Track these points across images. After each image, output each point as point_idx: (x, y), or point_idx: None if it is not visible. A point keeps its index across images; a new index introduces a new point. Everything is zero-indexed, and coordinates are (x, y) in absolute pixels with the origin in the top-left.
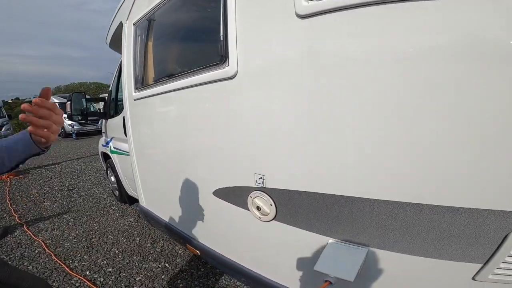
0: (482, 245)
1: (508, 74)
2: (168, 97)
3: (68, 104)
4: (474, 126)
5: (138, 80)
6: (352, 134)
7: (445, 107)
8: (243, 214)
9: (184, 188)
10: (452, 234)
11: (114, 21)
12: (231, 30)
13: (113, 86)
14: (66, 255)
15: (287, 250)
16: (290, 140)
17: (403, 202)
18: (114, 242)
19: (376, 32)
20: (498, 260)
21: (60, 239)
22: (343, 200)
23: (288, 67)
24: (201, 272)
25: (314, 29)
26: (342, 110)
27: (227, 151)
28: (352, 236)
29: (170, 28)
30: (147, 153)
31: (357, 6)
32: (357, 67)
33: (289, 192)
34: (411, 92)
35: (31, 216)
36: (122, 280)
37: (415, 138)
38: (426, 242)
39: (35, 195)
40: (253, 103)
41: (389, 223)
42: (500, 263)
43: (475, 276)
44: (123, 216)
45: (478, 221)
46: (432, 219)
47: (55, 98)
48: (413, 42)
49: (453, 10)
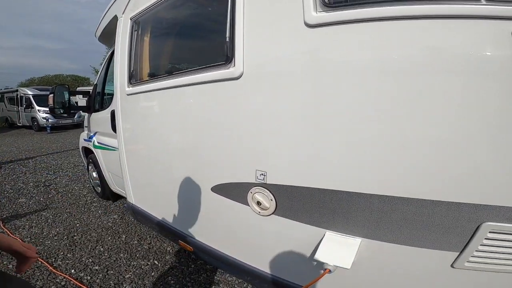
0: (458, 234)
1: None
2: (166, 93)
3: (51, 96)
4: (454, 128)
5: (133, 75)
6: (350, 135)
7: (432, 113)
8: (242, 209)
9: (180, 184)
10: (433, 225)
11: (107, 14)
12: (238, 32)
13: (100, 80)
14: (48, 253)
15: (285, 242)
16: (292, 139)
17: (392, 196)
18: (98, 239)
19: (381, 44)
20: (472, 249)
21: (40, 237)
22: (340, 194)
23: (293, 71)
24: (192, 268)
25: (321, 38)
26: (341, 112)
27: (228, 148)
28: (347, 228)
29: (172, 25)
30: (139, 149)
31: (362, 21)
32: (358, 75)
33: (289, 187)
34: (405, 99)
35: (6, 213)
36: (110, 278)
37: (405, 140)
38: (411, 233)
39: (9, 191)
40: (257, 103)
41: (380, 216)
42: (474, 251)
43: (453, 263)
44: (106, 213)
45: (455, 213)
46: (416, 211)
47: (29, 89)
48: (413, 54)
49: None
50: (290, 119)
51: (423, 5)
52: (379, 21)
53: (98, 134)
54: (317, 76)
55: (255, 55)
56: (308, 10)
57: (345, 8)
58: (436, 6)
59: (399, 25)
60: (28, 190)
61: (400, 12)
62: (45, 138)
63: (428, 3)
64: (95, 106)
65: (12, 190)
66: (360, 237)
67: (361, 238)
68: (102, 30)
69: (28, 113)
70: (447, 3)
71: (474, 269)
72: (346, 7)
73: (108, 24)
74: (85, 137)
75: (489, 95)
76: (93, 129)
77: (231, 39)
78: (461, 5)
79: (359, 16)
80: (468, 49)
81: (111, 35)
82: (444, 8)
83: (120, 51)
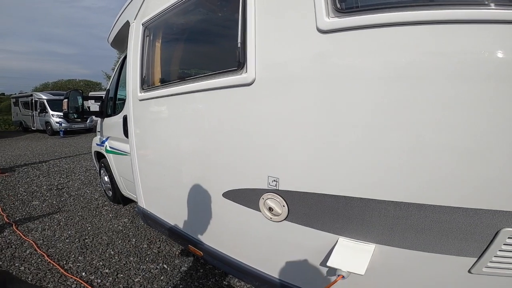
0: (476, 241)
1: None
2: (178, 99)
3: (65, 102)
4: (473, 134)
5: (145, 81)
6: (364, 141)
7: (449, 117)
8: (253, 215)
9: (191, 189)
10: (451, 231)
11: (119, 20)
12: (250, 38)
13: (112, 85)
14: (59, 256)
15: (297, 248)
16: (304, 145)
17: (409, 202)
18: (109, 243)
19: (394, 50)
20: (491, 254)
21: (52, 239)
22: (354, 201)
23: (305, 77)
24: (201, 273)
25: (333, 44)
26: (354, 119)
27: (240, 154)
28: (361, 234)
29: (183, 31)
30: (150, 154)
31: (375, 27)
32: (372, 80)
33: (302, 194)
34: (420, 104)
35: (19, 215)
36: (120, 282)
37: (422, 147)
38: (428, 239)
39: (23, 194)
40: (269, 109)
41: (395, 222)
42: (492, 257)
43: (470, 269)
44: (116, 216)
45: (474, 219)
46: (433, 217)
47: (43, 94)
48: (426, 60)
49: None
50: (302, 126)
51: (436, 10)
52: (392, 27)
53: (110, 139)
54: (329, 82)
55: (267, 61)
56: (320, 16)
57: (358, 14)
58: (450, 11)
59: (413, 31)
60: (41, 193)
61: (414, 18)
62: (58, 142)
63: (441, 8)
64: (107, 111)
65: (26, 193)
66: (374, 243)
67: (375, 244)
68: (114, 35)
69: (42, 118)
70: (461, 8)
71: (491, 274)
72: (359, 12)
73: (120, 30)
74: (97, 142)
75: (509, 100)
76: (106, 134)
77: (243, 45)
78: (480, 10)
79: (371, 21)
80: (487, 54)
81: (123, 41)
82: (458, 13)
83: (132, 57)
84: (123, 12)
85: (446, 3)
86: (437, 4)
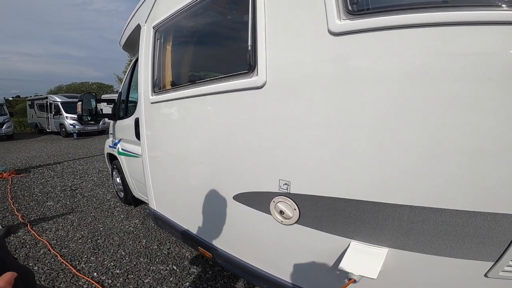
0: (494, 245)
1: None
2: (189, 102)
3: (79, 104)
4: (491, 137)
5: (156, 84)
6: (377, 144)
7: (466, 119)
8: (264, 218)
9: (201, 192)
10: (468, 235)
11: (130, 23)
12: (260, 41)
13: (124, 88)
14: (72, 256)
15: (308, 251)
16: (316, 148)
17: (425, 207)
18: (120, 243)
19: (406, 52)
20: (508, 258)
21: (65, 239)
22: (367, 205)
23: (317, 80)
24: (209, 274)
25: (345, 46)
26: (367, 121)
27: (251, 157)
28: (373, 238)
29: (193, 34)
30: (162, 156)
31: (386, 29)
32: (384, 83)
33: (313, 197)
34: (434, 107)
35: (34, 215)
36: (130, 282)
37: (438, 150)
38: (443, 243)
39: (38, 195)
40: (280, 112)
41: (410, 226)
42: (509, 261)
43: (487, 273)
44: (128, 217)
45: (491, 223)
46: (450, 222)
47: (58, 97)
48: (438, 63)
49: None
50: (314, 129)
51: (449, 11)
52: (403, 29)
53: (123, 141)
54: (341, 85)
55: (278, 64)
56: (331, 18)
57: (369, 16)
58: (461, 12)
59: (425, 32)
60: (55, 193)
61: (426, 19)
62: (72, 144)
63: (454, 10)
64: (119, 114)
65: (40, 194)
66: (387, 247)
67: (388, 247)
68: (126, 38)
69: (57, 120)
70: (474, 10)
71: (508, 278)
72: (370, 14)
73: (131, 33)
74: (110, 144)
75: None
76: (118, 136)
77: (253, 48)
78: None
79: (383, 24)
80: (501, 55)
81: (135, 44)
82: (471, 14)
83: (144, 60)
84: (134, 16)
85: (458, 4)
86: (448, 6)
